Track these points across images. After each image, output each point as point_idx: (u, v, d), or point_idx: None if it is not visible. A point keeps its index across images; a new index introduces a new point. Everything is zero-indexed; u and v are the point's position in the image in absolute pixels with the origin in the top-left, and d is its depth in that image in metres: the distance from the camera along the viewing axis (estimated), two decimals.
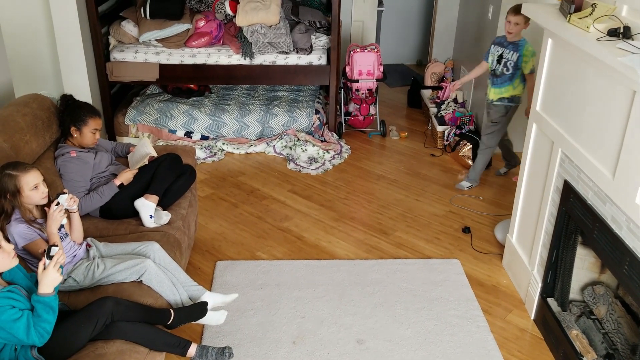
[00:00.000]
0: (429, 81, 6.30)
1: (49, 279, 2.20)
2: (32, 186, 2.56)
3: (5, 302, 2.14)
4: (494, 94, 4.31)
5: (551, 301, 3.10)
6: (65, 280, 2.70)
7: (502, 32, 4.83)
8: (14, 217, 2.58)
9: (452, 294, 3.44)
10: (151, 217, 3.22)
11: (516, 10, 3.99)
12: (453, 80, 5.96)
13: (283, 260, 3.74)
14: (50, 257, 2.22)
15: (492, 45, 4.32)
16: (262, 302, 3.35)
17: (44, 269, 2.21)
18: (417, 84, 6.36)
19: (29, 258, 2.64)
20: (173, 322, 2.73)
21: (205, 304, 2.94)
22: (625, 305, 2.78)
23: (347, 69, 5.45)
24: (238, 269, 3.63)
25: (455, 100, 5.70)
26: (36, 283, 2.26)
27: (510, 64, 4.15)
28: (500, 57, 4.21)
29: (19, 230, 2.56)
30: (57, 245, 2.26)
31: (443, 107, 5.61)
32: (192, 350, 2.70)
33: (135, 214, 3.27)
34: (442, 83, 5.99)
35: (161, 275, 2.81)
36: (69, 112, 3.29)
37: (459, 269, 3.67)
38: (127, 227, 3.24)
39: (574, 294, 3.02)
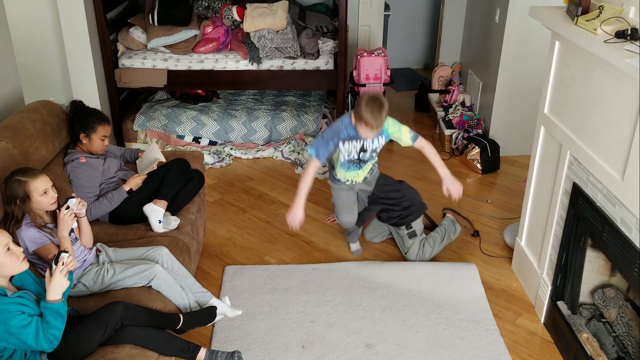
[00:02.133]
0: (436, 85, 6.30)
1: (56, 285, 2.21)
2: (41, 192, 2.58)
3: (14, 308, 2.15)
4: (364, 172, 3.62)
5: (561, 304, 3.09)
6: (75, 285, 2.72)
7: (510, 36, 4.84)
8: (24, 222, 2.60)
9: (461, 298, 3.43)
10: (160, 222, 3.23)
11: (376, 120, 3.13)
12: (460, 84, 5.98)
13: (291, 265, 3.74)
14: (56, 263, 2.22)
15: (341, 143, 3.36)
16: (271, 306, 3.35)
17: (51, 275, 2.21)
18: (424, 87, 6.35)
19: (39, 263, 2.65)
20: (182, 327, 2.75)
21: (214, 308, 2.96)
22: (635, 307, 2.76)
23: (354, 73, 5.46)
24: (247, 274, 3.63)
25: (462, 104, 5.69)
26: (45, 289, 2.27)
27: (378, 148, 3.48)
28: (363, 149, 3.44)
29: (29, 234, 2.58)
30: (67, 251, 2.27)
31: (450, 110, 5.61)
32: (202, 354, 2.70)
33: (144, 219, 3.28)
34: (450, 87, 5.98)
35: (170, 280, 2.82)
36: (79, 118, 3.31)
37: (468, 273, 3.65)
38: (136, 232, 3.25)
39: (584, 297, 3.01)
